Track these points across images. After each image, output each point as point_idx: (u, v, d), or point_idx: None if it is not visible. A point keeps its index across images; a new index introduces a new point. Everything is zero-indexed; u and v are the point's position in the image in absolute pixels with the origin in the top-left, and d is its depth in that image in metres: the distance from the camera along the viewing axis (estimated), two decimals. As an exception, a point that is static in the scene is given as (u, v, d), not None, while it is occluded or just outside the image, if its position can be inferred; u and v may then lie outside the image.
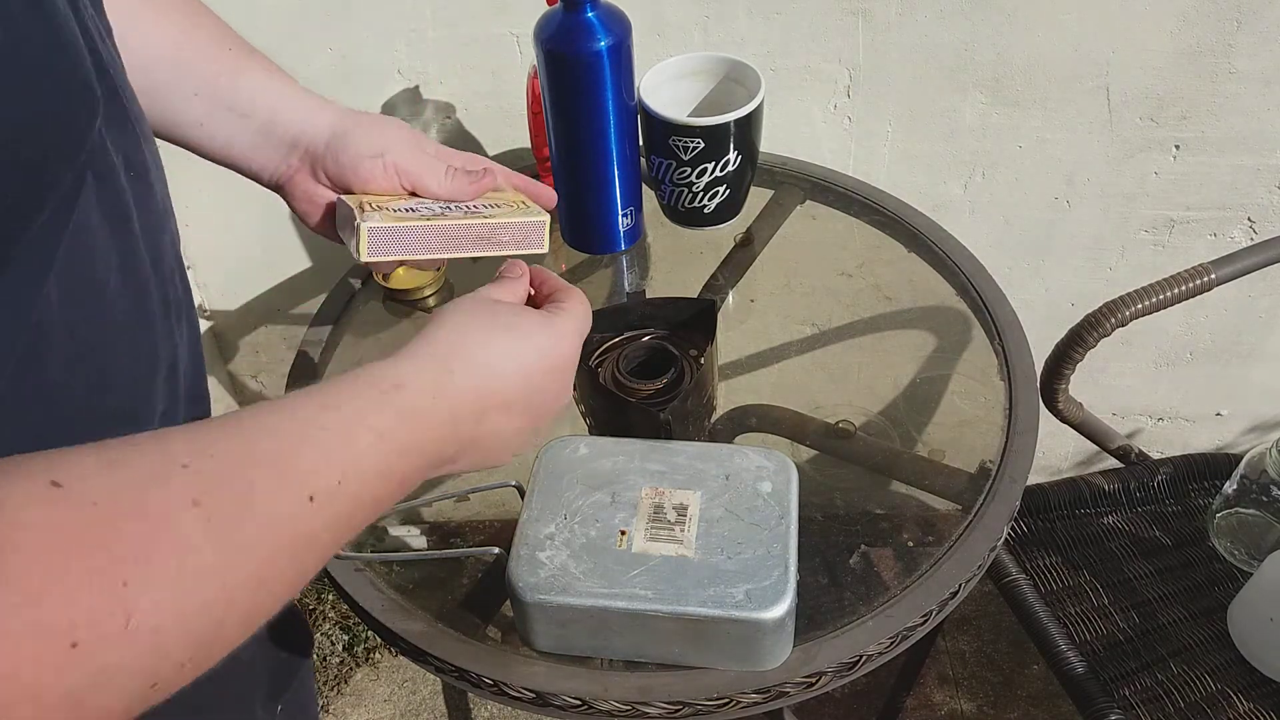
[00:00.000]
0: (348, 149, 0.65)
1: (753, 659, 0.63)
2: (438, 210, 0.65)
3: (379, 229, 0.61)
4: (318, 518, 0.38)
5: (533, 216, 0.66)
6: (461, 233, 0.64)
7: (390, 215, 0.62)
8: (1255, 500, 1.01)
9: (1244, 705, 0.92)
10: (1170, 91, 1.08)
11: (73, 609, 0.30)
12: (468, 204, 0.67)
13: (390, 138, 0.66)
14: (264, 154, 0.66)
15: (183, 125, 0.64)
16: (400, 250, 0.63)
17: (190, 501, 0.34)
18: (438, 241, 0.64)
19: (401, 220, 0.62)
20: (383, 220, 0.61)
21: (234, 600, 0.34)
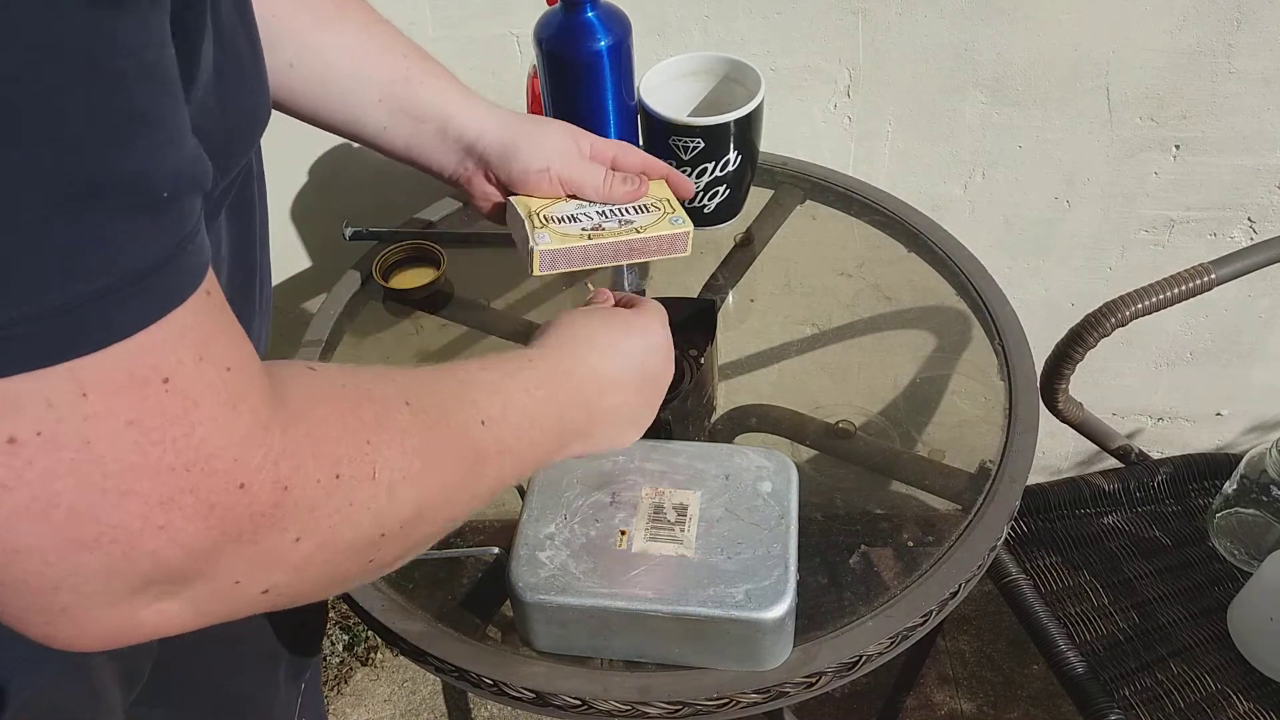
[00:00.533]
0: (518, 160, 0.74)
1: (753, 659, 0.63)
2: (595, 219, 0.76)
3: (549, 251, 0.73)
4: (488, 435, 0.47)
5: (678, 228, 0.76)
6: (618, 246, 0.76)
7: (557, 235, 0.74)
8: (1255, 500, 1.01)
9: (1244, 705, 0.92)
10: (1170, 91, 1.08)
11: (338, 448, 0.37)
12: (622, 209, 0.77)
13: (553, 149, 0.75)
14: (443, 155, 0.75)
15: (369, 129, 0.73)
16: (566, 265, 0.75)
17: (404, 401, 0.42)
18: (598, 255, 0.75)
19: (566, 241, 0.74)
20: (552, 243, 0.73)
21: (430, 487, 0.42)
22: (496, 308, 0.92)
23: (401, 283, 0.92)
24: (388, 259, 0.93)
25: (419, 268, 0.94)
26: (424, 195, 1.09)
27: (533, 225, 0.74)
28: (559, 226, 0.74)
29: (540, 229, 0.74)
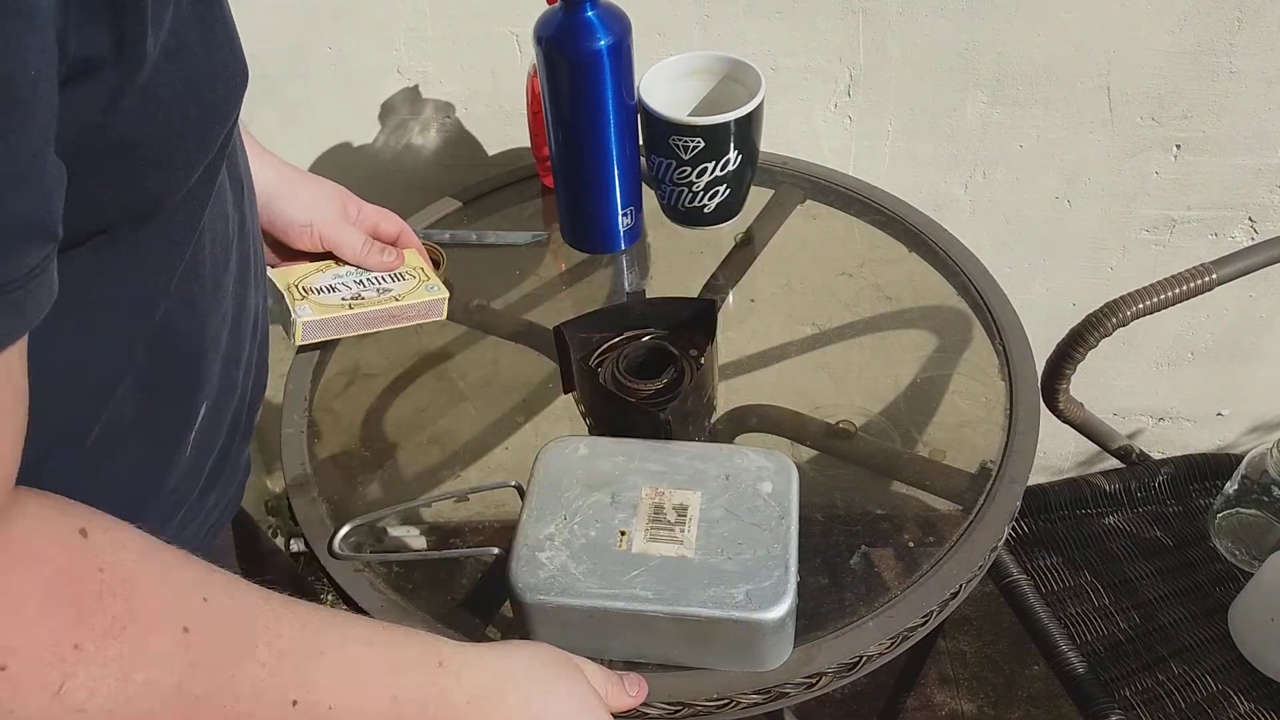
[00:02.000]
0: (283, 214, 0.76)
1: (753, 659, 0.63)
2: (353, 288, 0.80)
3: (311, 322, 0.78)
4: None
5: (434, 295, 0.82)
6: (378, 314, 0.80)
7: (318, 305, 0.78)
8: (1256, 500, 1.01)
9: (1245, 706, 0.91)
10: (1171, 91, 1.08)
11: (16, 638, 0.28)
12: (377, 278, 0.82)
13: (320, 208, 0.78)
14: None
15: None
16: (328, 333, 0.80)
17: (183, 627, 0.33)
18: (358, 323, 0.80)
19: (327, 311, 0.78)
20: (313, 313, 0.78)
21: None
22: (496, 308, 0.92)
23: (401, 283, 0.92)
24: None
25: None
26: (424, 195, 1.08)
27: (292, 298, 0.78)
28: (319, 297, 0.78)
29: (300, 301, 0.78)
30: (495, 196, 1.03)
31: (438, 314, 0.83)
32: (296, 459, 0.79)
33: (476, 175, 1.08)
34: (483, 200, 1.03)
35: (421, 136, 1.15)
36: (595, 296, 0.93)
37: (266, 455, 1.54)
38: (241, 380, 0.59)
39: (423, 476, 0.80)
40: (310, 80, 1.09)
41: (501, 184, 1.04)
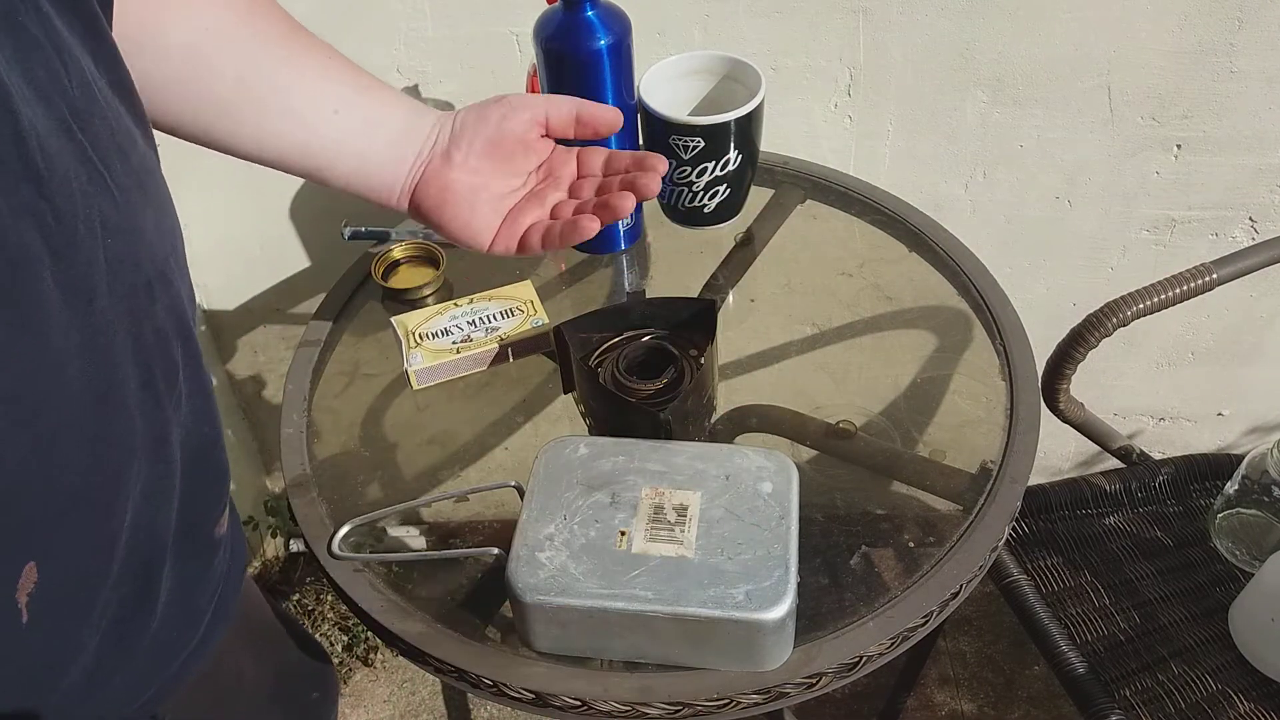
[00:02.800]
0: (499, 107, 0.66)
1: (753, 660, 0.63)
2: (465, 330, 0.85)
3: (423, 370, 0.83)
4: None
5: (539, 328, 0.84)
6: (484, 355, 0.84)
7: (429, 353, 0.83)
8: (1257, 501, 1.01)
9: (1245, 706, 0.91)
10: (1172, 91, 1.08)
11: None
12: (490, 314, 0.86)
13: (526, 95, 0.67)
14: (401, 155, 0.66)
15: (319, 151, 0.64)
16: (440, 377, 0.84)
17: None
18: (466, 365, 0.84)
19: (439, 357, 0.82)
20: (424, 360, 0.82)
21: None
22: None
23: (401, 282, 0.92)
24: (387, 258, 0.93)
25: (418, 267, 0.94)
26: (424, 195, 1.08)
27: (408, 345, 0.84)
28: (432, 343, 0.84)
29: (415, 348, 0.83)
30: (495, 196, 1.03)
31: (545, 346, 0.85)
32: (296, 459, 0.79)
33: (476, 175, 1.07)
34: (483, 200, 1.03)
35: (421, 136, 1.14)
36: (595, 296, 0.93)
37: (266, 455, 1.55)
38: (131, 524, 0.47)
39: (422, 476, 0.80)
40: (310, 80, 1.09)
41: (501, 184, 1.04)
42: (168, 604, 0.53)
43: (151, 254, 0.45)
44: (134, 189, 0.43)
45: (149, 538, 0.49)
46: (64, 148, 0.38)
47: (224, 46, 0.60)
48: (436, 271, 0.92)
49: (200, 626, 0.58)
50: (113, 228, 0.41)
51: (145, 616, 0.52)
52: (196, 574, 0.56)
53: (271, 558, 1.59)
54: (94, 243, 0.40)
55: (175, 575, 0.53)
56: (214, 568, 0.58)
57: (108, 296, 0.42)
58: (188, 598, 0.56)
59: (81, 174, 0.39)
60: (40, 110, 0.37)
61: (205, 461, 0.53)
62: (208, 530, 0.56)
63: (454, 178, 0.65)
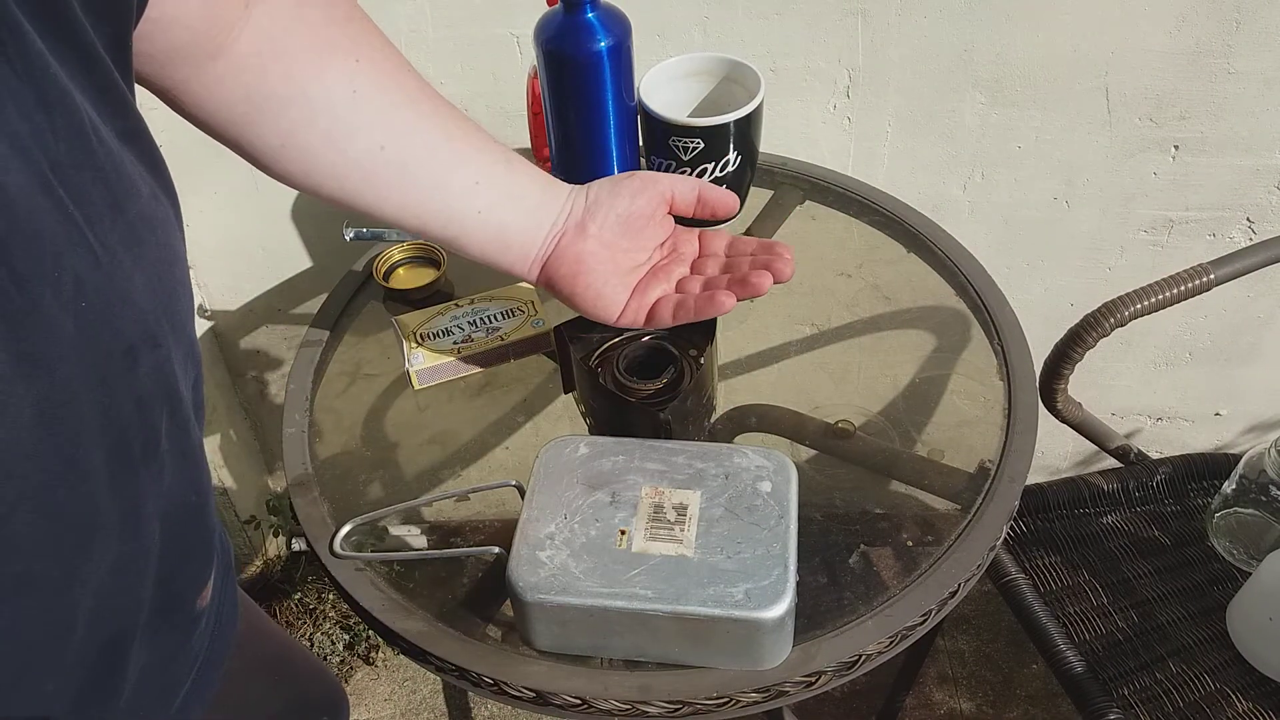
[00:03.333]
0: (631, 182, 0.69)
1: (752, 658, 0.63)
2: (465, 330, 0.85)
3: (424, 370, 0.83)
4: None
5: (539, 330, 0.84)
6: (487, 354, 0.84)
7: (430, 353, 0.83)
8: (1254, 500, 1.01)
9: (1243, 705, 0.92)
10: (1169, 92, 1.08)
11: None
12: (491, 314, 0.86)
13: (651, 173, 0.70)
14: (537, 227, 0.68)
15: (457, 220, 0.66)
16: (441, 377, 0.84)
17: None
18: (468, 365, 0.84)
19: (440, 357, 0.83)
20: (425, 360, 0.83)
21: None
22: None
23: (402, 283, 0.92)
24: (388, 259, 0.93)
25: (419, 268, 0.94)
26: (424, 195, 1.09)
27: (410, 346, 0.84)
28: (433, 343, 0.84)
29: (416, 348, 0.84)
30: (495, 197, 1.04)
31: (545, 346, 0.85)
32: (298, 458, 0.79)
33: (477, 176, 1.08)
34: (483, 201, 1.03)
35: (422, 137, 1.15)
36: (595, 297, 0.93)
37: (267, 455, 1.55)
38: (94, 606, 0.43)
39: (423, 476, 0.80)
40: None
41: (502, 184, 1.04)
42: (138, 683, 0.49)
43: (138, 315, 0.41)
44: (123, 246, 0.40)
45: (117, 615, 0.45)
46: (35, 204, 0.35)
47: (364, 111, 0.61)
48: (437, 272, 0.92)
49: (174, 702, 0.54)
50: (89, 289, 0.38)
51: (110, 697, 0.47)
52: (173, 650, 0.53)
53: (273, 557, 1.60)
54: (62, 306, 0.37)
55: (149, 652, 0.49)
56: (193, 641, 0.55)
57: (75, 364, 0.38)
58: (163, 674, 0.52)
59: (58, 233, 0.36)
60: (15, 164, 0.35)
61: (189, 531, 0.50)
62: (189, 602, 0.53)
63: (589, 250, 0.68)
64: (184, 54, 0.53)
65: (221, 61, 0.55)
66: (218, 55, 0.55)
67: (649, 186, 0.69)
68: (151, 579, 0.47)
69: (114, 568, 0.43)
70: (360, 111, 0.61)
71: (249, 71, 0.56)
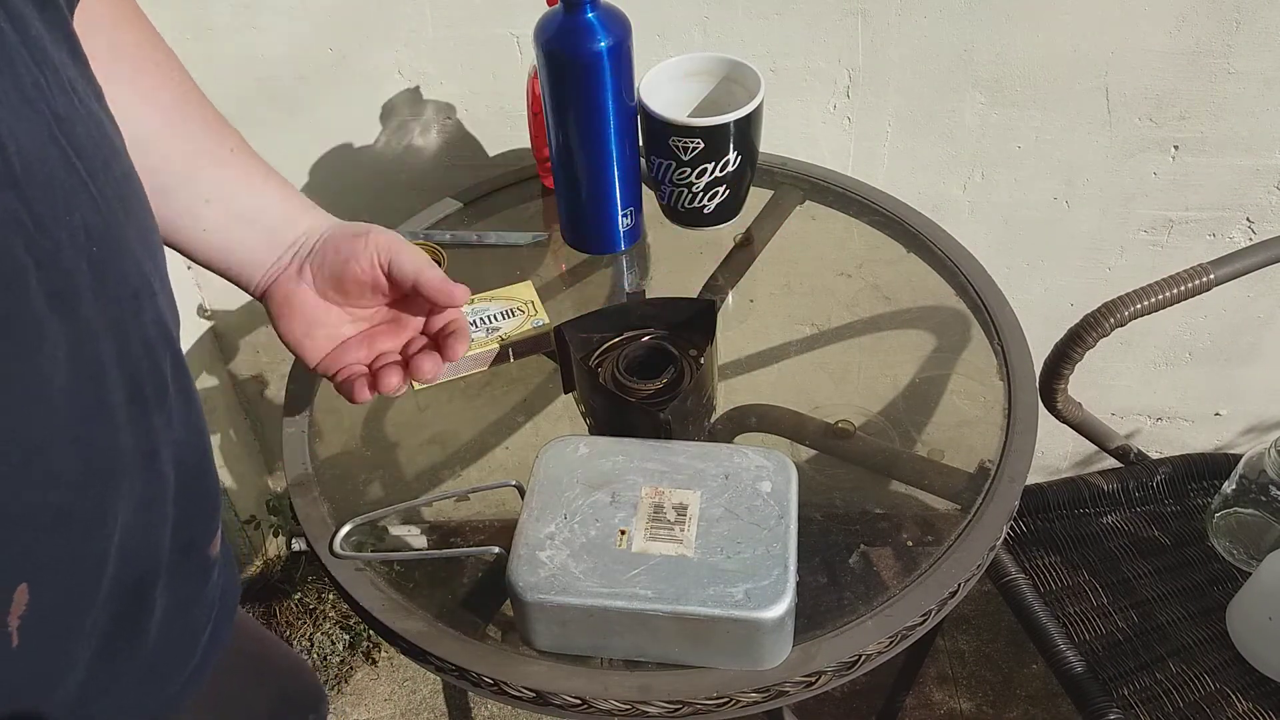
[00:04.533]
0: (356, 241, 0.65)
1: (752, 658, 0.63)
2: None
3: None
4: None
5: (540, 329, 0.84)
6: (485, 355, 0.83)
7: None
8: (1254, 500, 1.01)
9: (1243, 705, 0.92)
10: (1169, 92, 1.08)
11: None
12: (491, 314, 0.85)
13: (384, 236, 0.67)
14: (259, 257, 0.66)
15: (183, 230, 0.64)
16: (442, 377, 0.78)
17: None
18: (467, 365, 0.83)
19: None
20: None
21: None
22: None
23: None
24: None
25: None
26: (425, 196, 1.09)
27: None
28: None
29: None
30: (496, 197, 1.04)
31: (545, 346, 0.85)
32: (298, 458, 0.79)
33: (477, 176, 1.08)
34: (483, 201, 1.03)
35: (422, 137, 1.15)
36: (595, 297, 0.93)
37: (268, 455, 1.55)
38: (121, 542, 0.46)
39: (423, 476, 0.80)
40: (312, 81, 1.10)
41: (502, 185, 1.05)
42: (162, 624, 0.52)
43: (136, 263, 0.44)
44: (116, 199, 0.43)
45: (142, 555, 0.48)
46: (47, 153, 0.37)
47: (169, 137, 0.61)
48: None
49: (197, 650, 0.57)
50: (97, 235, 0.40)
51: (139, 636, 0.50)
52: (192, 594, 0.55)
53: (273, 557, 1.59)
54: (77, 250, 0.39)
55: (170, 595, 0.52)
56: (209, 589, 0.57)
57: (93, 305, 0.40)
58: (184, 619, 0.55)
59: (65, 180, 0.39)
60: (24, 113, 0.37)
61: (197, 479, 0.52)
62: (202, 549, 0.55)
63: (297, 294, 0.66)
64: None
65: None
66: None
67: (372, 251, 0.65)
68: (170, 522, 0.49)
69: (138, 506, 0.46)
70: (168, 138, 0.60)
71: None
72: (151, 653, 0.52)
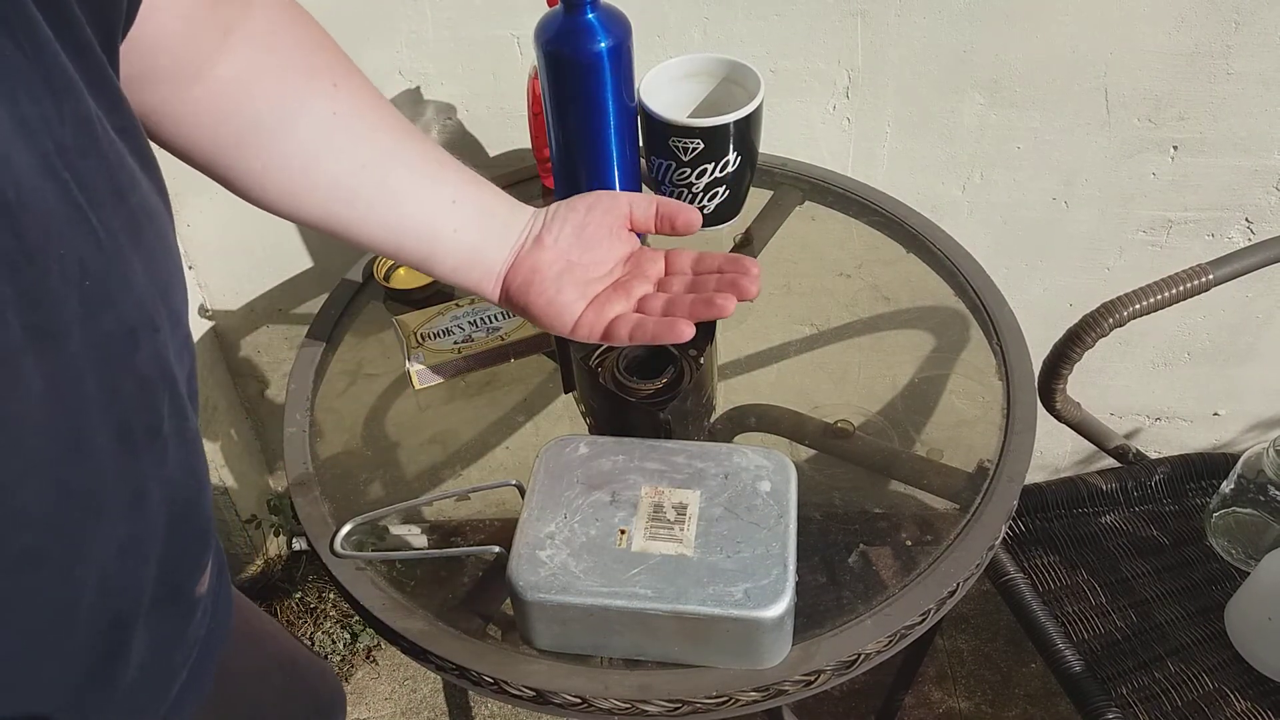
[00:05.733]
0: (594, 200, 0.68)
1: (752, 657, 0.63)
2: (466, 330, 0.85)
3: (424, 370, 0.84)
4: None
5: (540, 330, 0.79)
6: (488, 354, 0.84)
7: (431, 353, 0.84)
8: (1252, 500, 1.01)
9: (1241, 704, 0.92)
10: (1168, 92, 1.08)
11: None
12: (491, 314, 0.86)
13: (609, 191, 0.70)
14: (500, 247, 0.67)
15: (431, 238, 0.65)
16: (441, 377, 0.84)
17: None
18: (469, 364, 0.84)
19: (440, 357, 0.83)
20: (426, 360, 0.83)
21: None
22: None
23: (402, 283, 0.93)
24: (388, 259, 0.94)
25: None
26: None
27: (410, 346, 0.85)
28: (434, 343, 0.84)
29: (416, 349, 0.84)
30: (496, 197, 1.04)
31: (545, 346, 0.86)
32: (298, 458, 0.79)
33: (477, 176, 1.08)
34: (483, 201, 1.03)
35: (422, 137, 1.15)
36: (595, 297, 0.93)
37: (268, 454, 1.55)
38: (99, 586, 0.44)
39: (424, 475, 0.81)
40: (312, 81, 1.10)
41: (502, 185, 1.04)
42: (138, 671, 0.49)
43: (138, 300, 0.42)
44: (124, 232, 0.41)
45: (122, 598, 0.46)
46: (42, 185, 0.36)
47: (346, 132, 0.62)
48: (438, 272, 0.92)
49: (171, 692, 0.55)
50: (93, 271, 0.39)
51: (112, 681, 0.48)
52: (172, 635, 0.53)
53: (274, 556, 1.60)
54: (68, 284, 0.38)
55: (149, 636, 0.50)
56: (191, 629, 0.55)
57: (80, 342, 0.39)
58: (160, 663, 0.53)
59: (60, 214, 0.37)
60: (20, 144, 0.35)
61: (188, 520, 0.51)
62: (189, 590, 0.54)
63: (544, 259, 0.67)
64: (164, 77, 0.54)
65: (200, 86, 0.55)
66: (197, 80, 0.55)
67: (605, 200, 0.68)
68: (154, 562, 0.47)
69: (120, 548, 0.44)
70: (341, 133, 0.61)
71: (229, 97, 0.57)
72: (122, 699, 0.49)
